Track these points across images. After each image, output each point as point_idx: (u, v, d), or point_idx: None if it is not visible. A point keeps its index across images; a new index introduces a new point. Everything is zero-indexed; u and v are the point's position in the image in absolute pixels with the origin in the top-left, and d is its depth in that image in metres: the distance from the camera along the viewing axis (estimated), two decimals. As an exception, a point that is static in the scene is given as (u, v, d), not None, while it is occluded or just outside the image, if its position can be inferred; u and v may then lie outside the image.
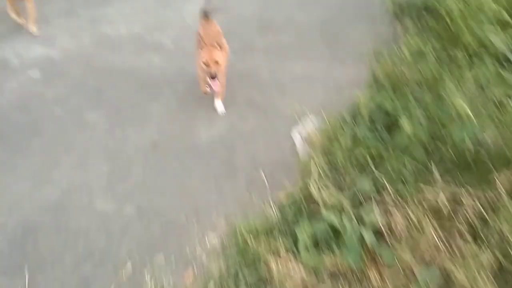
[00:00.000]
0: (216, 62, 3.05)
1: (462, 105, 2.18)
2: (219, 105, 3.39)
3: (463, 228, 2.12)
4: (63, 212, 2.68)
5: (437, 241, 2.09)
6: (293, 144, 3.02)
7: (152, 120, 3.42)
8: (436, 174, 2.26)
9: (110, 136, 3.30)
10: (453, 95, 2.22)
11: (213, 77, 3.06)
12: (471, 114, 2.19)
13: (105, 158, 3.07)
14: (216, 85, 3.15)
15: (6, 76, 4.18)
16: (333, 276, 2.12)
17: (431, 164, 2.30)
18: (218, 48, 3.07)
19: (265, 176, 2.78)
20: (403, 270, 2.06)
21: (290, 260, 2.15)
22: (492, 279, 1.93)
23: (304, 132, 3.05)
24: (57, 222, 2.61)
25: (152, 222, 2.55)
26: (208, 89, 3.37)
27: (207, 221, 2.51)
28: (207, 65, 3.05)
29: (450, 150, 2.30)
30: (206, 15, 3.51)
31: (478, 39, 2.49)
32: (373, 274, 2.09)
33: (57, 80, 4.06)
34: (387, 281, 2.04)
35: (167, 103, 3.61)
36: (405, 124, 2.30)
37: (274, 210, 2.47)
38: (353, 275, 2.11)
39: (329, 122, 2.99)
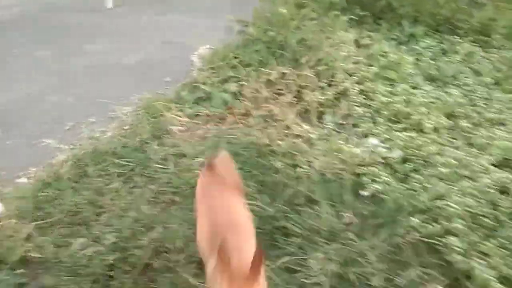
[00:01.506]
0: None
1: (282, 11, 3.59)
2: None
3: (285, 90, 3.48)
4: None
5: (268, 97, 3.43)
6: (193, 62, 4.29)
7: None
8: (273, 62, 3.63)
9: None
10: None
11: None
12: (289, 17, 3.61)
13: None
14: None
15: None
16: (206, 120, 3.38)
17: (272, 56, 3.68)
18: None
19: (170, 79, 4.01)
20: (247, 113, 3.36)
21: (178, 113, 3.39)
22: (295, 113, 3.30)
23: (201, 53, 4.33)
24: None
25: (90, 104, 3.72)
26: None
27: (126, 101, 3.69)
28: None
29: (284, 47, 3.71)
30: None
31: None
32: (229, 118, 3.37)
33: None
34: (237, 120, 3.34)
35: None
36: (252, 31, 3.67)
37: (170, 91, 3.72)
38: (218, 119, 3.39)
39: (218, 48, 4.27)
